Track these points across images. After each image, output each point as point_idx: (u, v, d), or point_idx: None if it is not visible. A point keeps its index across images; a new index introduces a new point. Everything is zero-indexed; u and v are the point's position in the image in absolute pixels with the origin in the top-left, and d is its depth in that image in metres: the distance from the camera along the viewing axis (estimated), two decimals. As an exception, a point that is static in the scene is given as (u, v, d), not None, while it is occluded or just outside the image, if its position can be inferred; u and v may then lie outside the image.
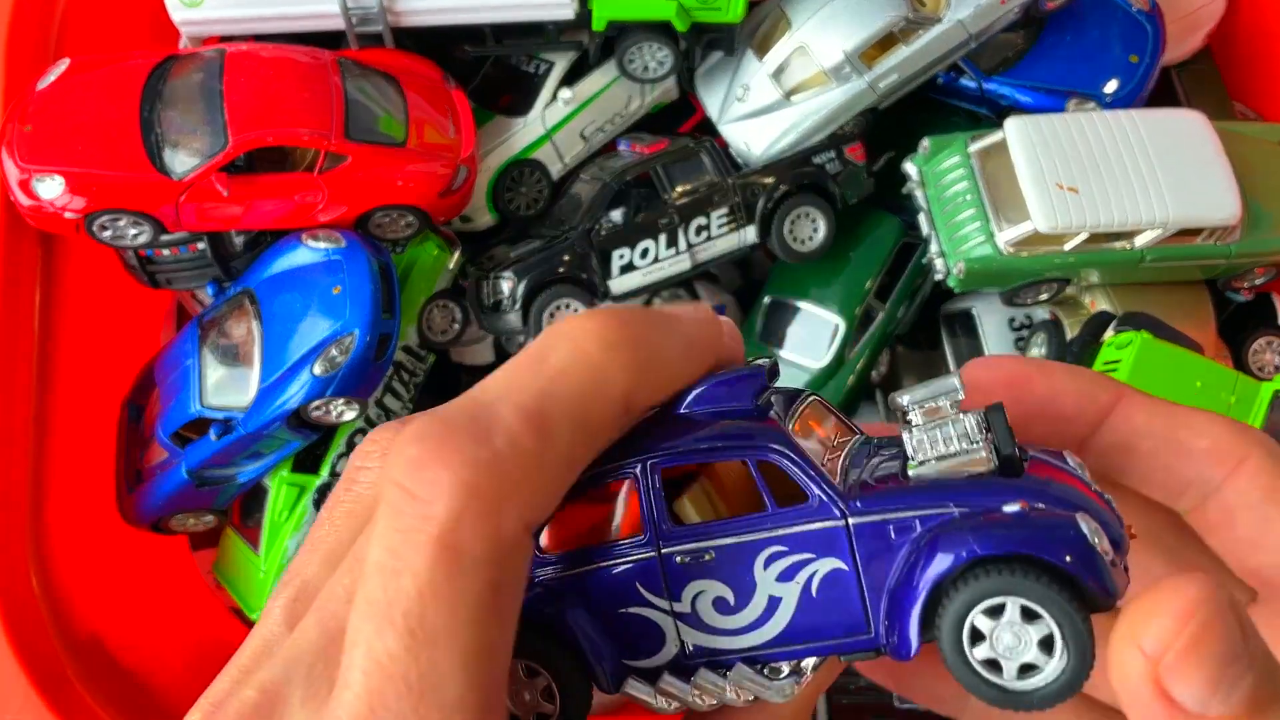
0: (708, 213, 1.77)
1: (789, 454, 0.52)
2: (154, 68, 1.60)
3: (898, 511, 0.52)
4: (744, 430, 0.53)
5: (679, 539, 0.54)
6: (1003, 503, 0.50)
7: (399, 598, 0.37)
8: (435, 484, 0.38)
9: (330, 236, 1.61)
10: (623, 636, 0.55)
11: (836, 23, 1.75)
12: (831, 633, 0.53)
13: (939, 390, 0.53)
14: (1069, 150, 1.67)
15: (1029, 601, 0.49)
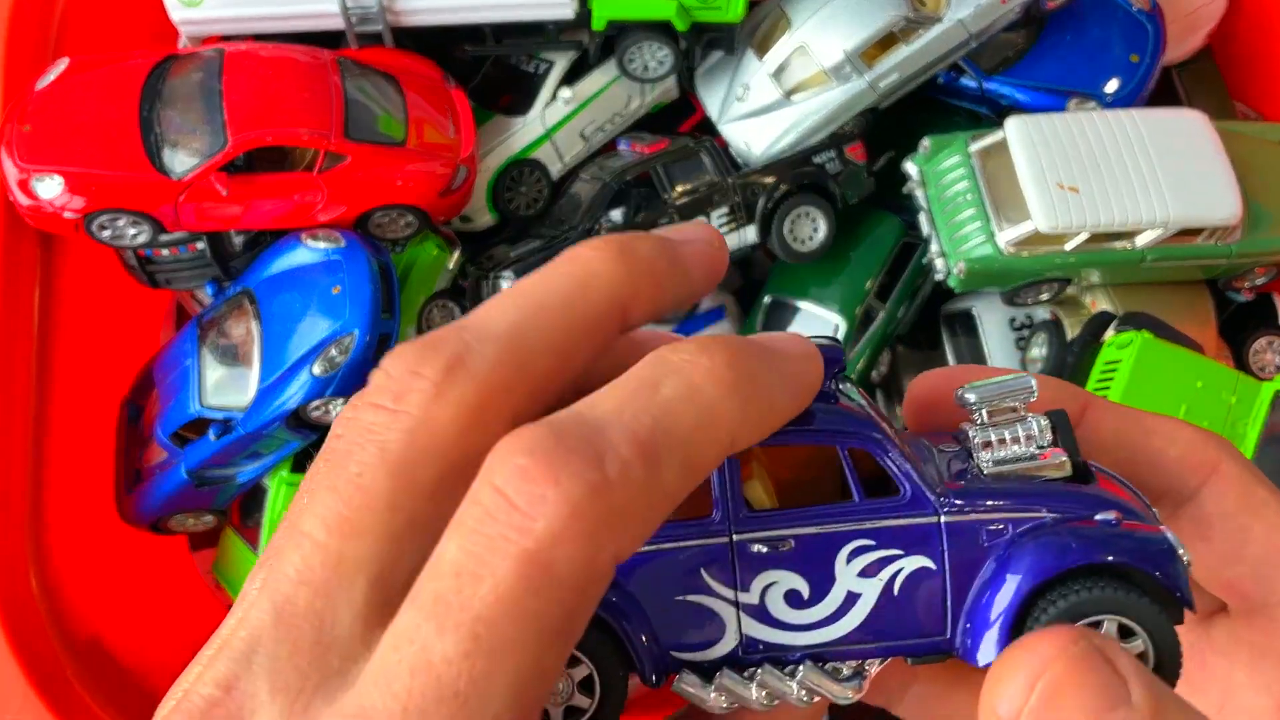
0: (708, 212, 1.77)
1: (887, 443, 0.50)
2: (153, 67, 1.60)
3: (991, 512, 0.50)
4: (838, 414, 0.50)
5: (755, 525, 0.50)
6: (1095, 511, 0.49)
7: (472, 602, 0.36)
8: (542, 500, 0.36)
9: (330, 236, 1.60)
10: (676, 626, 0.51)
11: (837, 22, 1.75)
12: (906, 633, 0.51)
13: (1013, 389, 0.51)
14: (1070, 150, 1.67)
15: (1128, 619, 0.47)
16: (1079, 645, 0.41)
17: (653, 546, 0.50)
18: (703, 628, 0.51)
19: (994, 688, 0.42)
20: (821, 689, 0.50)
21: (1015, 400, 0.51)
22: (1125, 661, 0.41)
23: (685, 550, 0.50)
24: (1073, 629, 0.43)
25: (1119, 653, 0.42)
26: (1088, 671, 0.40)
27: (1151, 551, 0.47)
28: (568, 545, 0.36)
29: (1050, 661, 0.41)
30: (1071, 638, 0.42)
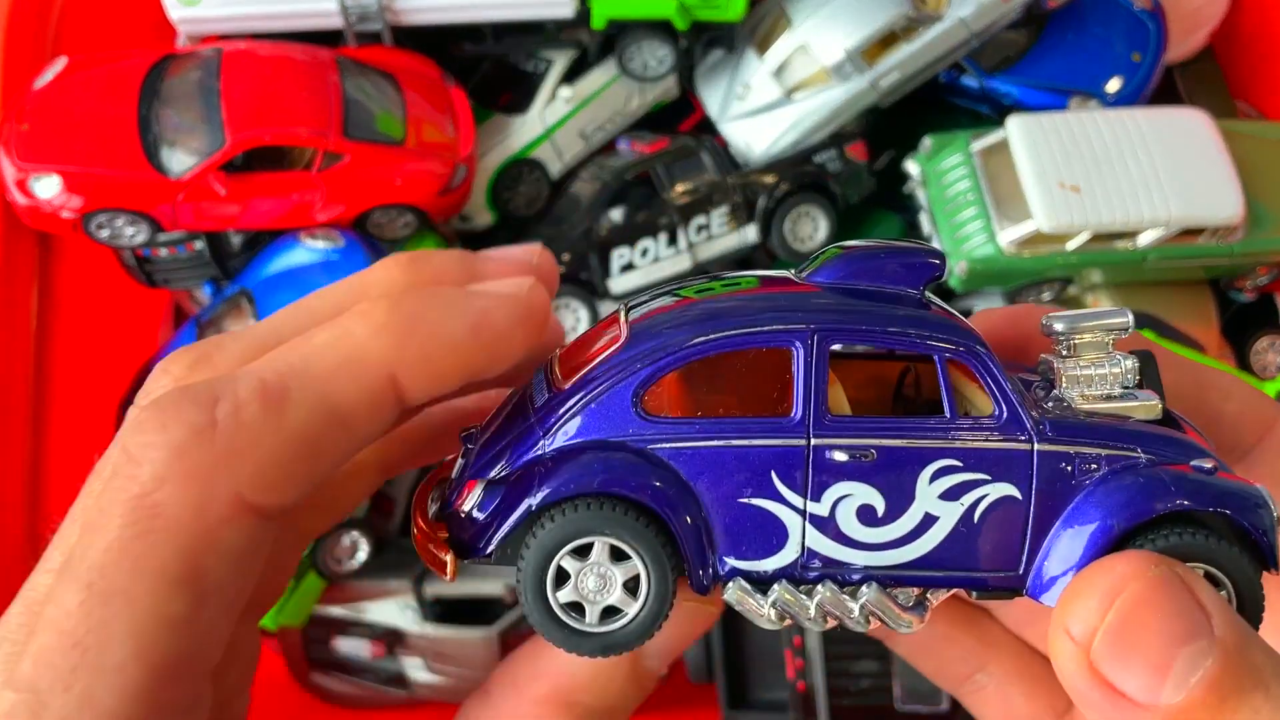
0: (708, 212, 1.77)
1: (989, 359, 0.47)
2: (151, 66, 1.59)
3: (1086, 446, 0.47)
4: (942, 323, 0.48)
5: (837, 430, 0.47)
6: (1190, 457, 0.47)
7: (88, 553, 0.37)
8: (148, 446, 0.38)
9: (328, 236, 1.60)
10: (735, 530, 0.47)
11: (838, 21, 1.74)
12: (978, 565, 0.48)
13: (1108, 322, 0.48)
14: (1071, 149, 1.67)
15: (1216, 568, 0.46)
16: (1160, 569, 0.39)
17: (721, 441, 0.47)
18: (764, 535, 0.47)
19: (1067, 606, 0.40)
20: (885, 614, 0.48)
21: (1108, 334, 0.48)
22: (1208, 593, 0.40)
23: (757, 449, 0.47)
24: (1152, 554, 0.42)
25: (1201, 584, 0.41)
26: (1169, 596, 0.39)
27: (1247, 504, 0.45)
28: (172, 486, 0.37)
29: (1129, 580, 0.39)
30: (1152, 560, 0.40)
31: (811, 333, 0.47)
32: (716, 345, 0.47)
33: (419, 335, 0.43)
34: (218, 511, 0.38)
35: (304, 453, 0.40)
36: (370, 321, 0.42)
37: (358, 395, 0.41)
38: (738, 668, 1.53)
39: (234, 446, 0.38)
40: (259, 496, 0.39)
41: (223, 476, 0.38)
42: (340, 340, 0.42)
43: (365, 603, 1.61)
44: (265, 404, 0.39)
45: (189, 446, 0.38)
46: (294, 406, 0.40)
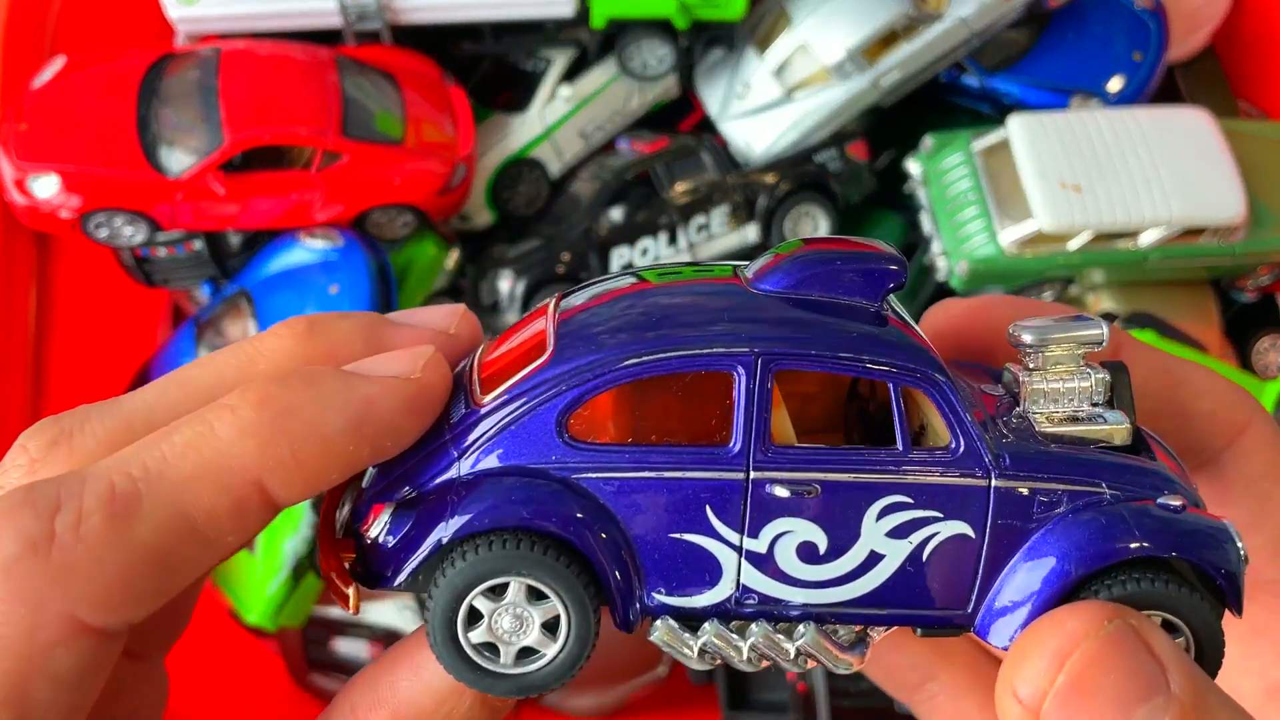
0: (708, 211, 1.76)
1: (948, 388, 0.43)
2: (150, 66, 1.59)
3: (1046, 481, 0.43)
4: (899, 346, 0.43)
5: (779, 463, 0.43)
6: (1157, 493, 0.44)
7: None
8: None
9: (327, 235, 1.59)
10: (664, 565, 0.44)
11: (838, 20, 1.73)
12: (924, 603, 0.44)
13: (1081, 336, 0.44)
14: (1072, 148, 1.66)
15: (1177, 616, 0.43)
16: (1114, 623, 0.37)
17: (653, 473, 0.43)
18: (696, 571, 0.44)
19: (1016, 666, 0.38)
20: (822, 655, 0.45)
21: (1079, 347, 0.44)
22: (1164, 646, 0.38)
23: (691, 481, 0.43)
24: (1106, 604, 0.39)
25: (1157, 635, 0.38)
26: (1123, 654, 0.37)
27: (1213, 547, 0.43)
28: (4, 607, 0.34)
29: (1080, 639, 0.37)
30: (1106, 614, 0.38)
31: (755, 357, 0.43)
32: (650, 368, 0.43)
33: (290, 436, 0.38)
34: (48, 634, 0.35)
35: (152, 569, 0.37)
36: (236, 419, 0.38)
37: (216, 505, 0.38)
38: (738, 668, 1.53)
39: (70, 563, 0.35)
40: (97, 617, 0.36)
41: (56, 596, 0.35)
42: (202, 440, 0.38)
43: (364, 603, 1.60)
44: (110, 516, 0.36)
45: (20, 563, 0.35)
46: (143, 519, 0.36)
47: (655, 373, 0.43)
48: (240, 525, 0.39)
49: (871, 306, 0.45)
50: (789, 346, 0.43)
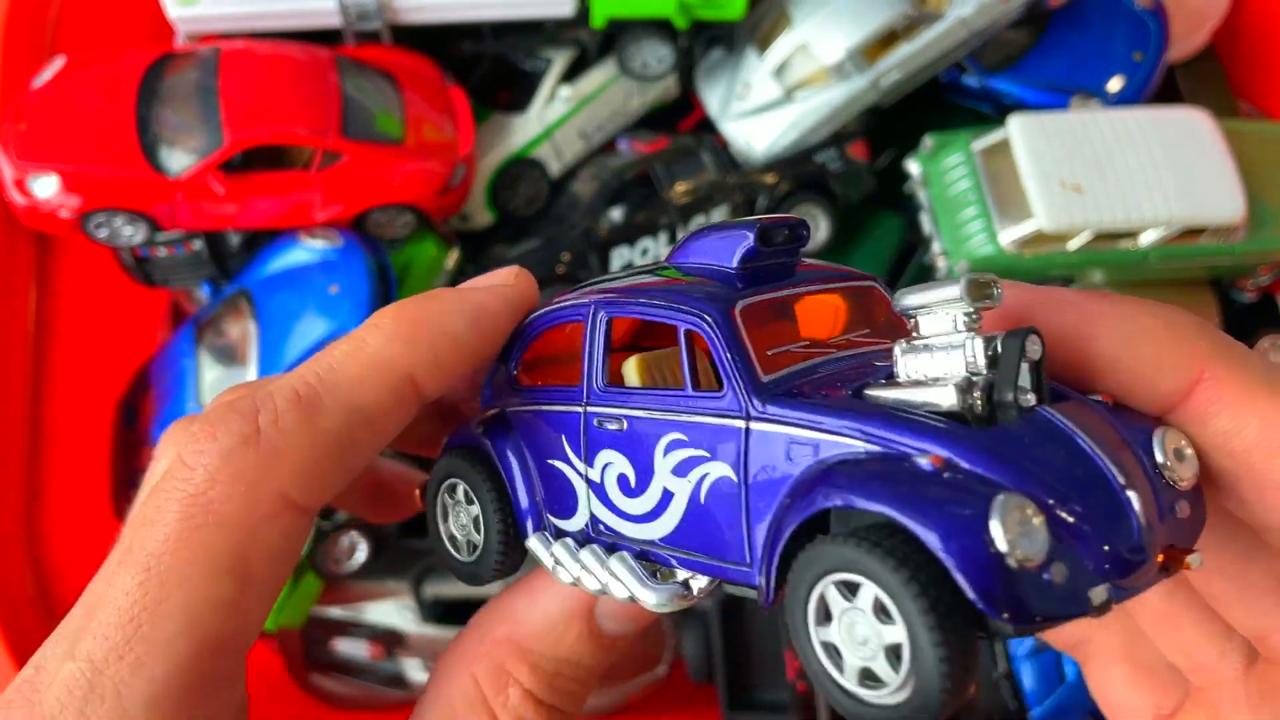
0: (708, 211, 1.76)
1: (718, 330, 0.45)
2: (150, 66, 1.58)
3: (801, 427, 0.41)
4: (696, 296, 0.46)
5: (603, 400, 0.50)
6: (920, 452, 0.39)
7: (146, 543, 0.42)
8: (201, 453, 0.43)
9: (327, 236, 1.59)
10: (549, 489, 0.52)
11: (838, 20, 1.73)
12: (717, 551, 0.45)
13: (938, 296, 0.41)
14: (1073, 148, 1.66)
15: (882, 593, 0.37)
16: None
17: (535, 406, 0.52)
18: (564, 496, 0.52)
19: None
20: (625, 582, 0.47)
21: (950, 310, 0.41)
22: None
23: (556, 414, 0.51)
24: None
25: None
26: None
27: (944, 513, 0.36)
28: (224, 486, 0.42)
29: None
30: None
31: (592, 307, 0.50)
32: (544, 321, 0.52)
33: (427, 335, 0.48)
34: (263, 509, 0.43)
35: (337, 453, 0.45)
36: (381, 331, 0.48)
37: (381, 396, 0.47)
38: (738, 668, 1.52)
39: (276, 450, 0.43)
40: (299, 494, 0.44)
41: (267, 477, 0.43)
42: (358, 349, 0.47)
43: (364, 603, 1.60)
44: (300, 412, 0.44)
45: (237, 452, 0.43)
46: (325, 412, 0.45)
47: (549, 325, 0.52)
48: (400, 413, 0.48)
49: (727, 269, 0.49)
50: (619, 299, 0.49)
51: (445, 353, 0.49)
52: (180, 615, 0.41)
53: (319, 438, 0.45)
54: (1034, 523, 0.36)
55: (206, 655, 0.41)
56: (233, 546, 0.42)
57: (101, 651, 0.40)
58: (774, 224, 0.49)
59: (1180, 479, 0.42)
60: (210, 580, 0.41)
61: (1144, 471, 0.41)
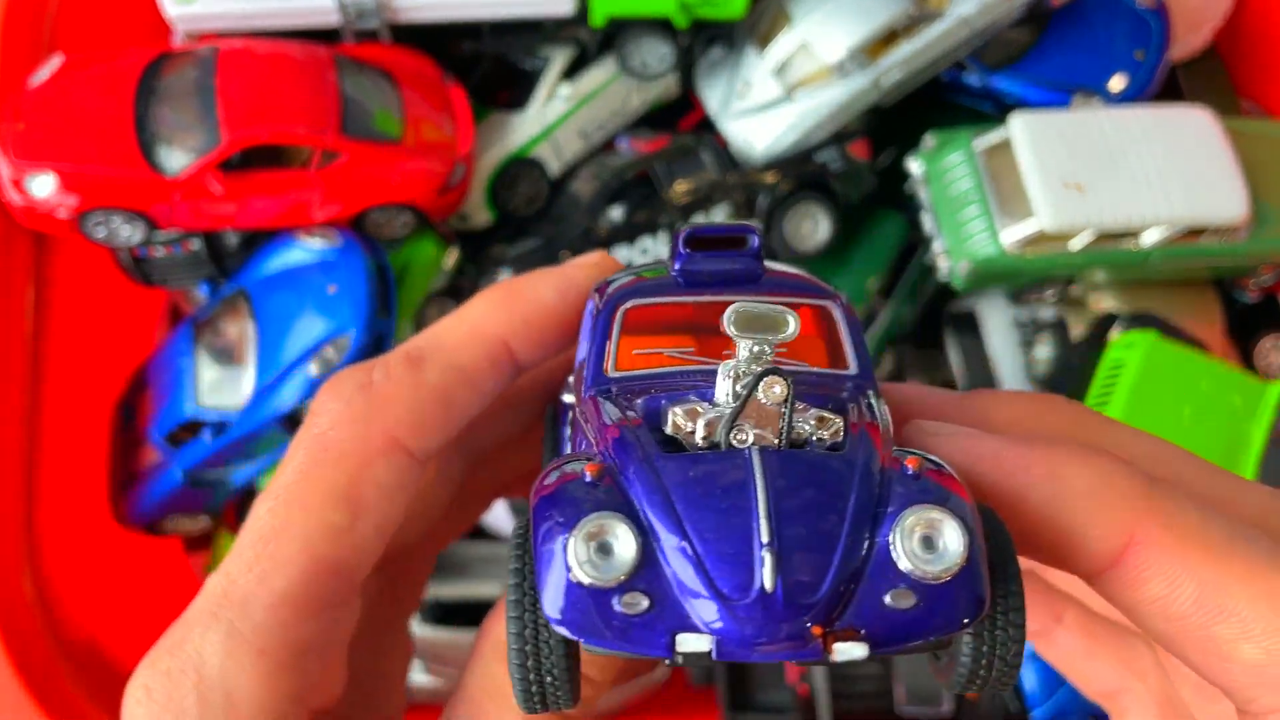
0: (709, 210, 1.76)
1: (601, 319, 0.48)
2: (148, 64, 1.58)
3: (586, 422, 0.46)
4: (622, 289, 0.50)
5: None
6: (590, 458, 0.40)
7: (280, 477, 0.49)
8: (327, 401, 0.50)
9: (325, 235, 1.59)
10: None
11: (839, 18, 1.73)
12: None
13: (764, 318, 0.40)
14: (1074, 147, 1.65)
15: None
16: None
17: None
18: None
19: None
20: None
21: (748, 340, 0.39)
22: None
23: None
24: None
25: None
26: None
27: (547, 519, 0.37)
28: (342, 428, 0.49)
29: None
30: None
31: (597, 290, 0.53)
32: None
33: (521, 305, 0.54)
34: (374, 446, 0.49)
35: (439, 403, 0.51)
36: (484, 301, 0.54)
37: (478, 357, 0.53)
38: (739, 670, 1.52)
39: (385, 396, 0.50)
40: (406, 436, 0.50)
41: (377, 419, 0.49)
42: (463, 317, 0.54)
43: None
44: (408, 366, 0.51)
45: (354, 398, 0.50)
46: (430, 367, 0.51)
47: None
48: (496, 374, 0.54)
49: (669, 266, 0.51)
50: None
51: (535, 319, 0.54)
52: (299, 537, 0.47)
53: (423, 389, 0.51)
54: (615, 546, 0.35)
55: (322, 575, 0.47)
56: (347, 478, 0.48)
57: (237, 566, 0.47)
58: (706, 231, 0.49)
59: (924, 571, 0.37)
60: (327, 507, 0.47)
61: (837, 541, 0.37)
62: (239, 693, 0.45)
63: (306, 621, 0.46)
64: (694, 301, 0.48)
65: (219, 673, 0.45)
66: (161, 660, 0.47)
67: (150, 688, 0.46)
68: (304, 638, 0.46)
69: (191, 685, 0.45)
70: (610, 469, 0.38)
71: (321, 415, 0.50)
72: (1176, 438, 1.49)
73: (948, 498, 0.38)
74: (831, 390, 0.45)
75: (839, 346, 0.47)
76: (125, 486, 1.67)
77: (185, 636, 0.47)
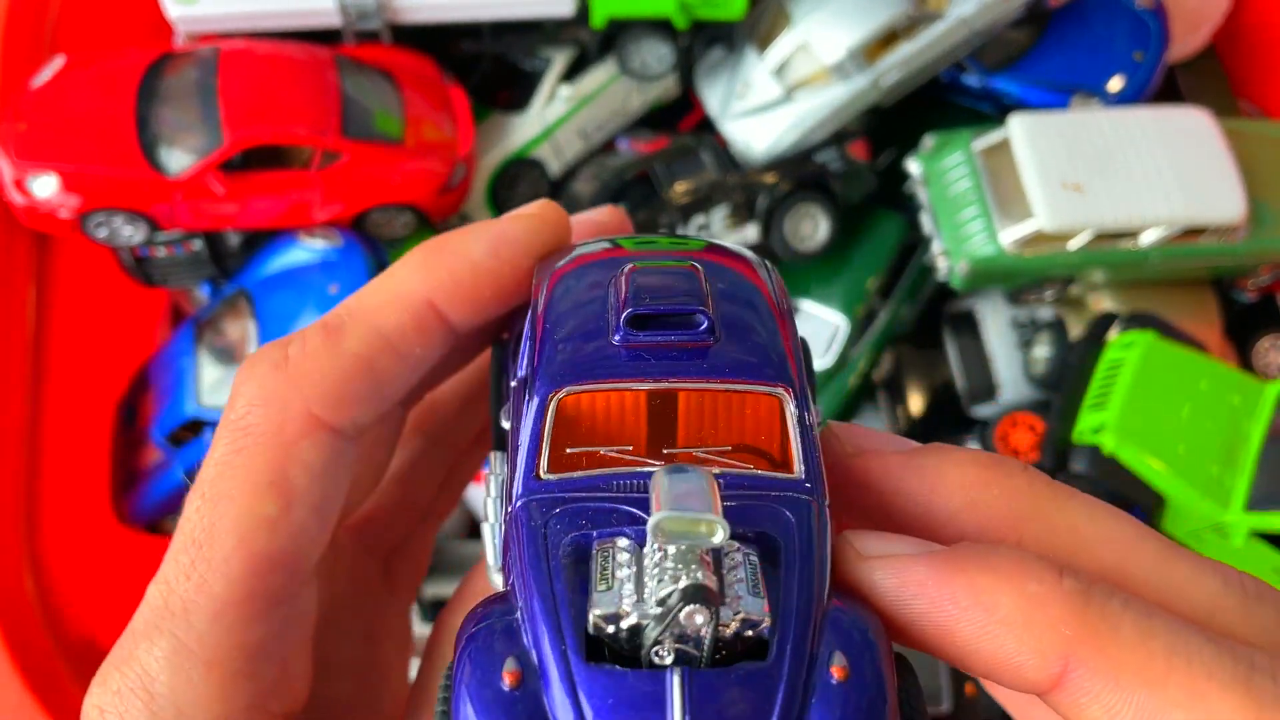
0: (708, 211, 1.76)
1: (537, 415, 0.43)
2: (150, 65, 1.58)
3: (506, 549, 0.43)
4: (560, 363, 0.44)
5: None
6: (505, 659, 0.38)
7: (203, 472, 0.45)
8: (242, 385, 0.47)
9: (327, 235, 1.59)
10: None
11: (838, 19, 1.73)
12: None
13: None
14: (1073, 148, 1.66)
15: None
16: None
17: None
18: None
19: None
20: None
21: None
22: None
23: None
24: None
25: None
26: None
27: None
28: (258, 409, 0.46)
29: None
30: None
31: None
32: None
33: (445, 263, 0.49)
34: (294, 427, 0.45)
35: (361, 373, 0.47)
36: (407, 262, 0.50)
37: (401, 321, 0.48)
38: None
39: (301, 371, 0.46)
40: (327, 413, 0.46)
41: (295, 396, 0.46)
42: (384, 280, 0.50)
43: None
44: (325, 336, 0.47)
45: (268, 378, 0.46)
46: (348, 336, 0.47)
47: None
48: (423, 339, 0.49)
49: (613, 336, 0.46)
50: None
51: (464, 279, 0.50)
52: (231, 534, 0.44)
53: (342, 359, 0.47)
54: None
55: (260, 571, 0.44)
56: (270, 464, 0.45)
57: (174, 571, 0.44)
58: (651, 309, 0.44)
59: None
60: (254, 497, 0.44)
61: None
62: (192, 708, 0.42)
63: (254, 624, 0.43)
64: (634, 389, 0.43)
65: (168, 690, 0.42)
66: (111, 678, 0.44)
67: (102, 709, 0.43)
68: (254, 641, 0.44)
69: (142, 705, 0.43)
70: (531, 668, 0.36)
71: (239, 399, 0.46)
72: (1175, 437, 1.50)
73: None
74: (765, 517, 0.41)
75: (786, 447, 0.43)
76: (127, 486, 1.67)
77: (132, 652, 0.44)
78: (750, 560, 0.39)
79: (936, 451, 0.45)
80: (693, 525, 0.36)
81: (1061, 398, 1.62)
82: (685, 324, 0.44)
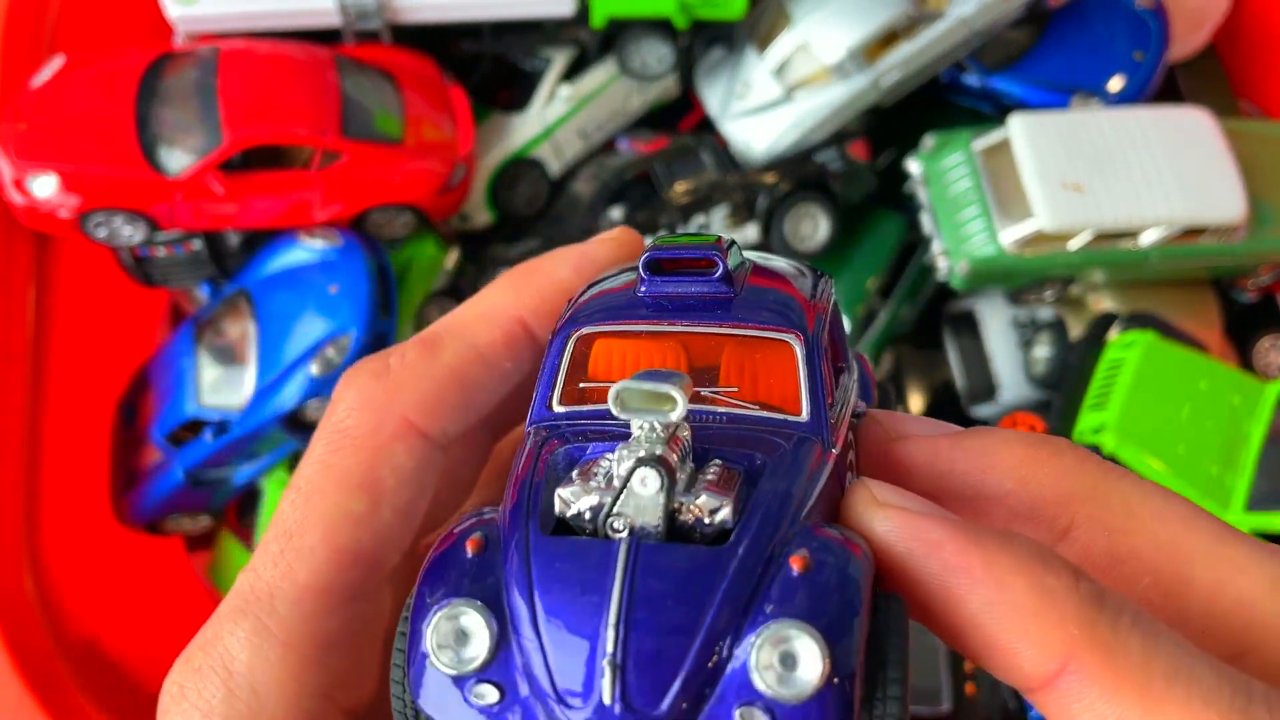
0: (708, 211, 1.76)
1: (554, 348, 0.47)
2: (149, 65, 1.58)
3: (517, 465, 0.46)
4: (580, 310, 0.47)
5: None
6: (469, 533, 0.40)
7: (301, 471, 0.48)
8: (343, 392, 0.50)
9: (326, 235, 1.59)
10: None
11: (838, 19, 1.73)
12: None
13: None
14: (1073, 148, 1.66)
15: None
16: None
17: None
18: None
19: None
20: None
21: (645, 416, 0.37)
22: None
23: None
24: None
25: None
26: None
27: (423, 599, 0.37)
28: (357, 414, 0.49)
29: None
30: None
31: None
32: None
33: (534, 282, 0.53)
34: (389, 431, 0.48)
35: (455, 384, 0.50)
36: (499, 284, 0.53)
37: (493, 336, 0.51)
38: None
39: (399, 381, 0.49)
40: (421, 419, 0.49)
41: (393, 404, 0.49)
42: (478, 299, 0.53)
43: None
44: (423, 349, 0.50)
45: (368, 386, 0.49)
46: (444, 349, 0.51)
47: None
48: (514, 353, 0.52)
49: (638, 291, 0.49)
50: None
51: (552, 296, 0.53)
52: (319, 527, 0.46)
53: (438, 369, 0.50)
54: (471, 635, 0.36)
55: (344, 564, 0.46)
56: (363, 465, 0.48)
57: (262, 561, 0.46)
58: (667, 253, 0.45)
59: (777, 693, 0.34)
60: (345, 495, 0.47)
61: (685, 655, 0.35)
62: (265, 688, 0.45)
63: (332, 614, 0.46)
64: (650, 331, 0.44)
65: (246, 669, 0.45)
66: (194, 658, 0.46)
67: (183, 685, 0.46)
68: (330, 630, 0.46)
69: (220, 682, 0.45)
70: (494, 541, 0.37)
71: (339, 405, 0.50)
72: (1175, 438, 1.50)
73: (821, 612, 0.35)
74: (759, 445, 0.41)
75: (794, 389, 0.43)
76: (127, 486, 1.67)
77: (216, 633, 0.46)
78: (730, 472, 0.39)
79: (984, 433, 0.46)
80: (651, 396, 0.36)
81: (1062, 398, 1.62)
82: (704, 276, 0.45)
